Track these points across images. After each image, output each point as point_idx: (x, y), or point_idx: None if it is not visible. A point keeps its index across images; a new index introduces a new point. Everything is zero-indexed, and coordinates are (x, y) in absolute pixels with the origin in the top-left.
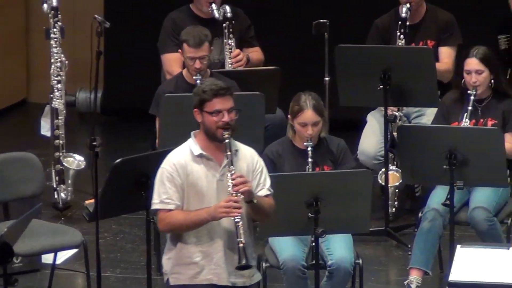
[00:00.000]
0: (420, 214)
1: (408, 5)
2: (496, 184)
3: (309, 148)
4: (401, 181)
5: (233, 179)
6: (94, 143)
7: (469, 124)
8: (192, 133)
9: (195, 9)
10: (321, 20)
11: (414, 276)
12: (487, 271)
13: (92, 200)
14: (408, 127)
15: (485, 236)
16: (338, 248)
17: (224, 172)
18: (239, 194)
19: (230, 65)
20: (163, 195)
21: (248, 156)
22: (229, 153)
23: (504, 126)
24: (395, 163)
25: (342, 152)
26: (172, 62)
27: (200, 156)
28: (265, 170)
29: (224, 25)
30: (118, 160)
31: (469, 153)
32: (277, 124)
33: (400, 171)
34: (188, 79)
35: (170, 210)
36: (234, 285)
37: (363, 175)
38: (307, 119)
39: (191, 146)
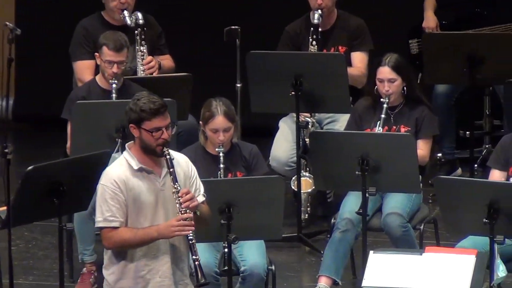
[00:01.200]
0: (332, 220)
1: (319, 11)
2: (409, 190)
3: (221, 154)
4: (313, 187)
5: (180, 197)
6: (6, 150)
7: (382, 131)
8: (126, 145)
9: (107, 16)
10: (233, 27)
11: (323, 284)
12: (400, 276)
13: (5, 208)
14: (320, 133)
15: (399, 242)
16: (251, 254)
17: (165, 181)
18: (188, 211)
19: (142, 72)
20: (107, 212)
21: (183, 163)
22: (171, 169)
23: (416, 133)
24: (307, 169)
25: (255, 158)
26: (83, 70)
27: (140, 170)
28: (197, 176)
29: (136, 32)
30: (30, 168)
31: (381, 159)
32: (189, 131)
33: (313, 177)
34: (101, 84)
35: (114, 227)
36: None
37: (275, 182)
38: (218, 125)
39: (129, 160)
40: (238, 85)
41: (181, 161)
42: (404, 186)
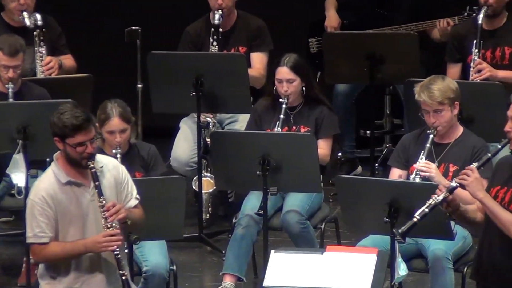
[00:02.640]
0: (234, 220)
1: (220, 12)
2: (310, 190)
3: (118, 156)
4: (214, 187)
5: (105, 211)
6: None
7: (282, 131)
8: (54, 156)
9: (6, 18)
10: (133, 27)
11: (228, 282)
12: (301, 276)
13: None
14: (221, 133)
15: (298, 240)
16: (153, 254)
17: (95, 192)
18: (114, 224)
19: (41, 73)
20: (36, 228)
21: (113, 169)
22: (97, 183)
23: (316, 132)
24: (208, 169)
25: (153, 158)
26: None
27: (68, 183)
28: (130, 180)
29: (34, 33)
30: None
31: (282, 159)
32: None
33: (214, 177)
34: (0, 88)
35: (44, 243)
36: None
37: (176, 182)
38: (114, 127)
39: (57, 174)
40: (139, 85)
41: (111, 166)
42: (305, 186)
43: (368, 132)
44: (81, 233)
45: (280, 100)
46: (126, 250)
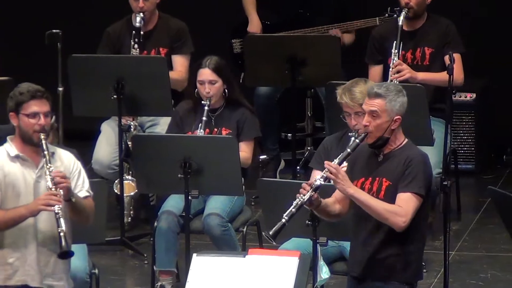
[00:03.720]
0: (156, 224)
1: (141, 14)
2: (231, 193)
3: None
4: (136, 190)
5: (52, 176)
6: None
7: (204, 134)
8: (8, 137)
9: None
10: (54, 30)
11: (164, 279)
12: (223, 279)
13: None
14: (142, 136)
15: (219, 242)
16: (72, 258)
17: (41, 174)
18: (58, 189)
19: None
20: None
21: (64, 159)
22: (45, 152)
23: (238, 135)
24: (130, 172)
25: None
26: None
27: (17, 157)
28: (83, 173)
29: None
30: None
31: (204, 162)
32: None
33: (135, 180)
34: None
35: None
36: (52, 287)
37: (98, 185)
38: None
39: (7, 148)
40: (60, 88)
41: (64, 157)
42: (226, 189)
43: (289, 134)
44: None
45: (202, 102)
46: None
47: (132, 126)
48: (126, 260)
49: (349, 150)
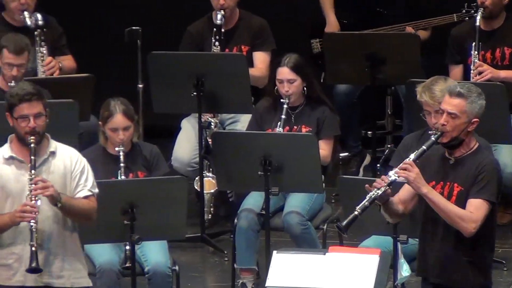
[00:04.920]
0: (235, 221)
1: (222, 11)
2: (311, 190)
3: (121, 153)
4: (216, 187)
5: (31, 184)
6: None
7: (283, 131)
8: (9, 137)
9: (7, 17)
10: (134, 27)
11: (245, 276)
12: (303, 276)
13: None
14: (222, 133)
15: (299, 240)
16: (153, 254)
17: (37, 173)
18: (37, 198)
19: (42, 73)
20: None
21: (66, 157)
22: (32, 157)
23: (318, 133)
24: (210, 169)
25: (155, 158)
26: None
27: (10, 158)
28: (86, 172)
29: (35, 33)
30: None
31: (283, 159)
32: (91, 131)
33: (215, 177)
34: (2, 87)
35: None
36: (49, 285)
37: (178, 182)
38: (117, 124)
39: (3, 150)
40: (140, 85)
41: (66, 154)
42: (306, 186)
43: (369, 132)
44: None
45: (281, 100)
46: (127, 249)
47: (212, 123)
48: (207, 257)
49: (424, 147)
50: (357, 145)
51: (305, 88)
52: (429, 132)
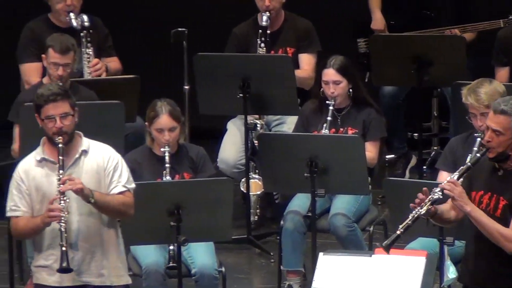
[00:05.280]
0: (282, 222)
1: (267, 13)
2: (357, 192)
3: (167, 154)
4: (263, 189)
5: (61, 183)
6: None
7: (329, 133)
8: (42, 139)
9: (53, 19)
10: (180, 29)
11: (292, 279)
12: (349, 278)
13: None
14: (268, 135)
15: (345, 242)
16: (199, 255)
17: (71, 172)
18: (66, 198)
19: (88, 74)
20: (11, 202)
21: (98, 155)
22: (60, 157)
23: (364, 135)
24: (257, 171)
25: (202, 159)
26: (30, 72)
27: (43, 160)
28: (120, 168)
29: (81, 34)
30: None
31: (329, 161)
32: (137, 133)
33: (262, 179)
34: None
35: (18, 216)
36: (88, 284)
37: (224, 183)
38: (163, 125)
39: (36, 152)
40: (186, 87)
41: (99, 152)
42: (352, 188)
43: (415, 134)
44: None
45: (327, 102)
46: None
47: (258, 125)
48: (253, 258)
49: (469, 164)
50: (402, 147)
51: (350, 90)
52: (475, 135)
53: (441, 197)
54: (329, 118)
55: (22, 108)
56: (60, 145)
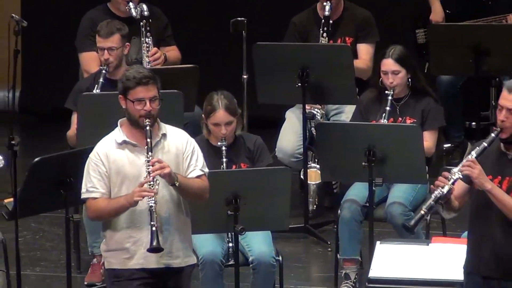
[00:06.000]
0: (339, 211)
1: (329, 3)
2: (415, 181)
3: (223, 148)
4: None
5: (149, 165)
6: (13, 142)
7: (388, 122)
8: (119, 121)
9: (113, 8)
10: (239, 18)
11: (348, 267)
12: (407, 267)
13: (11, 199)
14: (326, 124)
15: (402, 231)
16: (257, 243)
17: (152, 156)
18: (156, 179)
19: (148, 64)
20: (88, 184)
21: (177, 139)
22: (148, 140)
23: (422, 124)
24: (315, 160)
25: (259, 149)
26: (89, 61)
27: (124, 143)
28: (197, 152)
29: (141, 23)
30: (37, 159)
31: (387, 150)
32: (195, 122)
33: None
34: (108, 75)
35: (95, 198)
36: (168, 266)
37: (282, 173)
38: (220, 119)
39: (115, 134)
40: (245, 76)
41: (177, 136)
42: (410, 177)
43: (473, 123)
44: None
45: (386, 92)
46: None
47: (318, 114)
48: (310, 247)
49: (485, 144)
50: (459, 135)
51: (409, 80)
52: None
53: (461, 177)
54: (387, 108)
55: (81, 96)
56: (148, 128)
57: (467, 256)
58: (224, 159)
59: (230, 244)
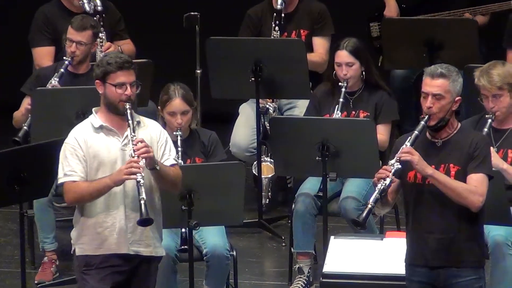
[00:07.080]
0: (293, 206)
1: None
2: (369, 176)
3: (179, 138)
4: (274, 172)
5: (134, 145)
6: None
7: (341, 116)
8: (93, 109)
9: (66, 3)
10: (192, 13)
11: (302, 261)
12: (361, 261)
13: None
14: (280, 118)
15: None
16: (211, 236)
17: (127, 142)
18: (140, 162)
19: None
20: (66, 167)
21: (151, 128)
22: (130, 121)
23: (376, 118)
24: (269, 154)
25: (213, 144)
26: (42, 56)
27: (100, 127)
28: (170, 142)
29: (94, 18)
30: None
31: (341, 144)
32: (149, 117)
33: (273, 162)
34: (69, 68)
35: (74, 181)
36: (137, 253)
37: (235, 167)
38: (176, 108)
39: (92, 120)
40: (198, 71)
41: (151, 125)
42: (364, 171)
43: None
44: None
45: (340, 84)
46: (183, 234)
47: (271, 109)
48: (264, 242)
49: (416, 132)
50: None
51: (363, 73)
52: (486, 116)
53: (399, 166)
54: (341, 100)
55: (35, 91)
56: (128, 111)
57: (409, 249)
58: (180, 149)
59: (183, 230)
